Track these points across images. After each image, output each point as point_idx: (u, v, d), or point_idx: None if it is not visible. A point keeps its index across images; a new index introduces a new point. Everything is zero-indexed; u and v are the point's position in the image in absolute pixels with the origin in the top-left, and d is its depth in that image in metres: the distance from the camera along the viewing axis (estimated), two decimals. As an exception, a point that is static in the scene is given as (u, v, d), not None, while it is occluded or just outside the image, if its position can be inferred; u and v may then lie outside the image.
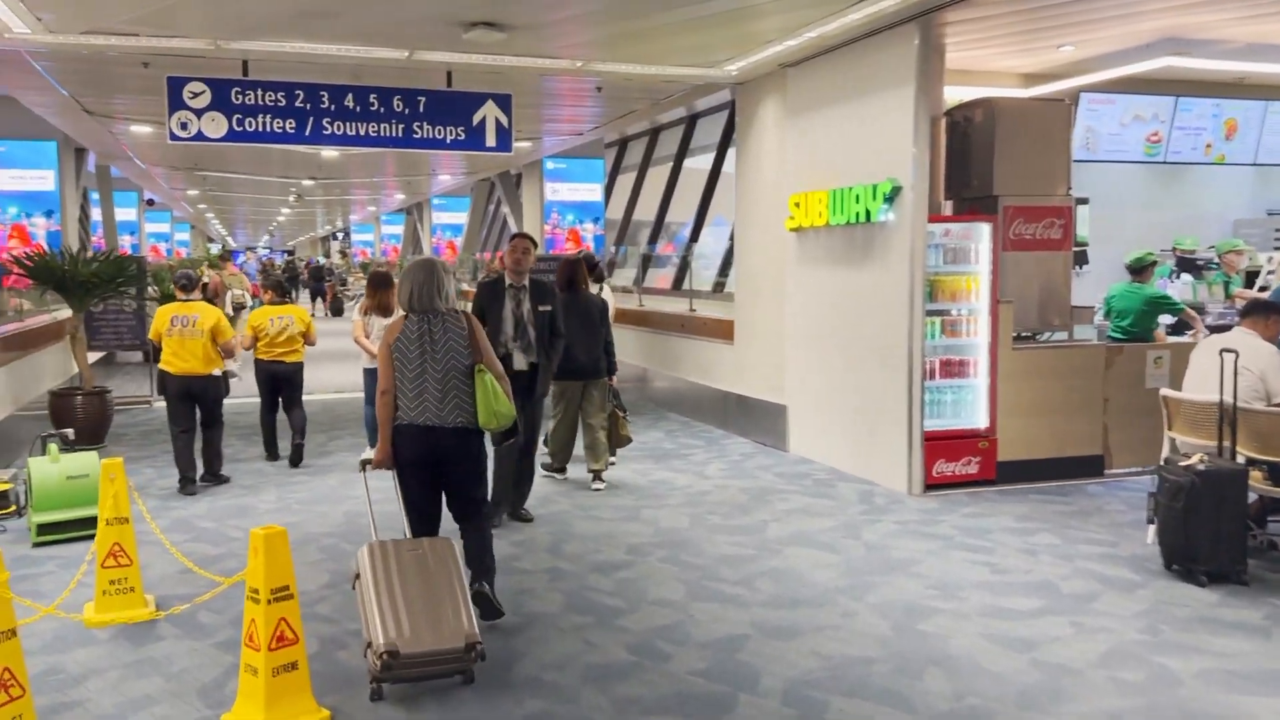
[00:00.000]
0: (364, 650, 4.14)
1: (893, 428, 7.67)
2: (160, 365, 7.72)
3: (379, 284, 8.41)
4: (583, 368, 7.46)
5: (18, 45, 7.71)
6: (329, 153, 15.13)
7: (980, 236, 7.79)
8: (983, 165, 8.04)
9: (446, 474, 4.61)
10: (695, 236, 15.92)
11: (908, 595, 5.36)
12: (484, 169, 18.77)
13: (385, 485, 5.22)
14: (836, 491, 7.71)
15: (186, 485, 7.68)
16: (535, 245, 6.67)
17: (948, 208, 8.34)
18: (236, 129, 8.42)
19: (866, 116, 7.89)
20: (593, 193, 17.49)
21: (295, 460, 8.70)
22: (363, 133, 8.75)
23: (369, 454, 5.01)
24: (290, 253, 60.95)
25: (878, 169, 7.70)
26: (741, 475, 8.39)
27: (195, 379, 7.61)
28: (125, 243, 23.17)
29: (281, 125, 8.54)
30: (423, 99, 8.86)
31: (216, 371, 7.75)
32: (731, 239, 12.57)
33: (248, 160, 17.83)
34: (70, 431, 7.16)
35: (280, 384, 8.79)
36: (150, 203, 26.18)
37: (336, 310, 29.89)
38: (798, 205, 8.82)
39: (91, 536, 5.96)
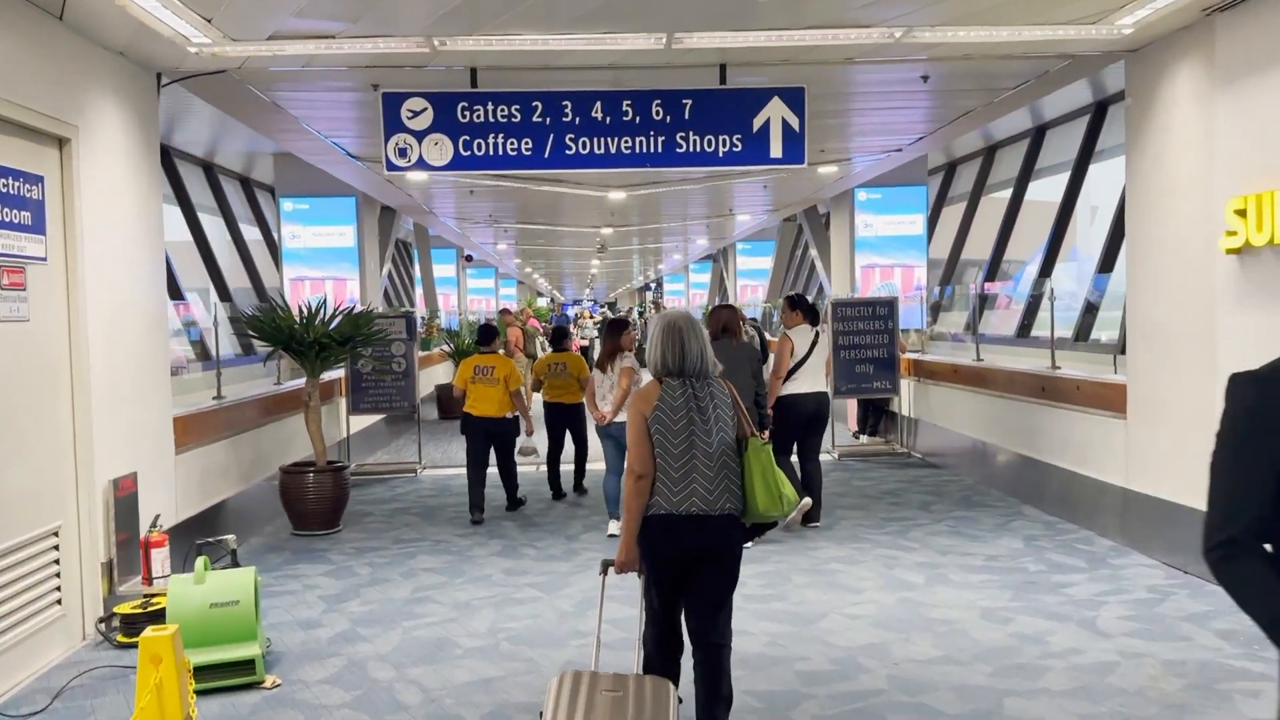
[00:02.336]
0: None
1: None
2: (464, 409, 8.56)
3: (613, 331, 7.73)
4: None
5: (222, 63, 6.40)
6: (616, 195, 13.45)
7: None
8: None
9: (701, 576, 3.72)
10: (1048, 270, 12.60)
11: None
12: (786, 204, 16.41)
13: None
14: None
15: (475, 514, 8.26)
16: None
17: None
18: (464, 153, 6.65)
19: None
20: (913, 225, 14.56)
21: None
22: (614, 149, 6.68)
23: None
24: (611, 304, 62.09)
25: None
26: (1162, 632, 5.28)
27: (492, 421, 8.39)
28: (443, 300, 23.23)
29: (516, 146, 6.66)
30: (688, 101, 6.67)
31: (509, 415, 8.49)
32: (1098, 273, 9.33)
33: (542, 209, 16.71)
34: (233, 538, 5.57)
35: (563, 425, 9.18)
36: (469, 259, 26.33)
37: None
38: (1243, 214, 5.64)
39: (251, 685, 4.77)
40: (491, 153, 6.64)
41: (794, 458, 7.66)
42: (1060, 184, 13.58)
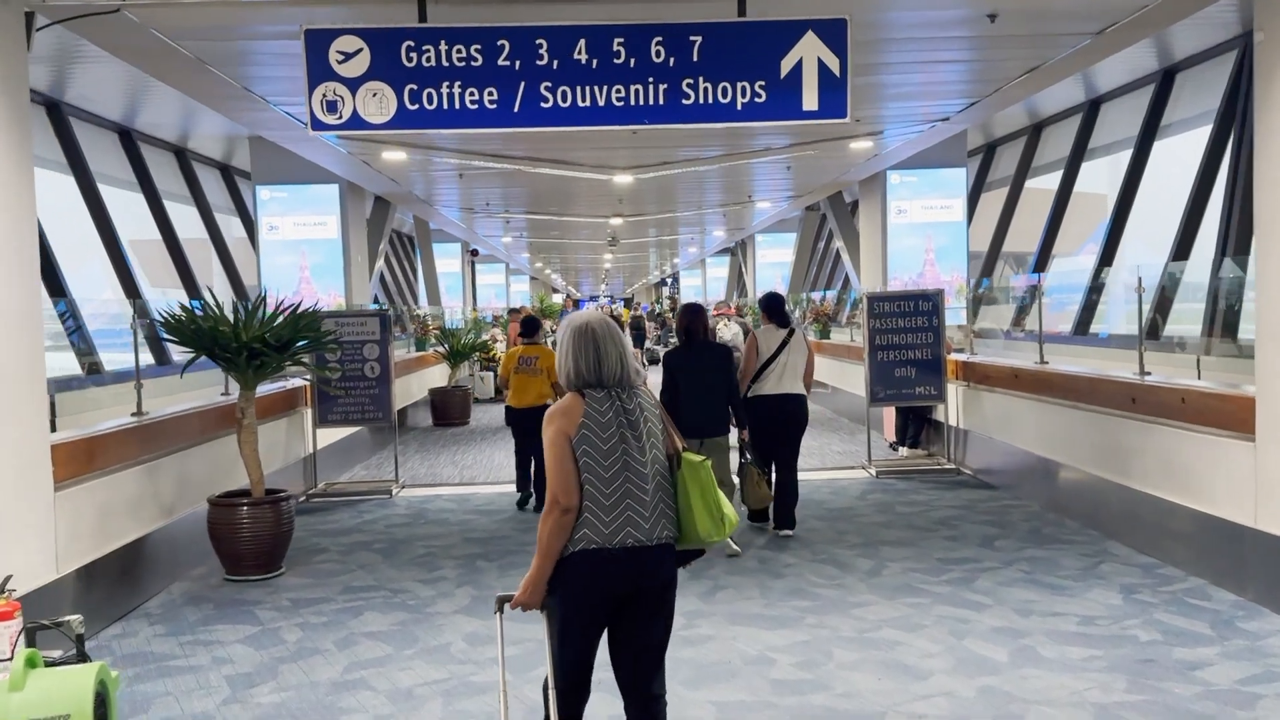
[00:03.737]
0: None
1: None
2: (508, 402, 8.53)
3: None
4: (696, 424, 6.45)
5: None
6: (622, 179, 11.91)
7: None
8: None
9: (636, 618, 3.14)
10: (1107, 259, 10.98)
11: None
12: (810, 189, 14.80)
13: None
14: None
15: (524, 502, 8.38)
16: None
17: None
18: (409, 107, 5.14)
19: None
20: (949, 210, 12.92)
21: None
22: (602, 101, 5.15)
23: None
24: (628, 301, 60.63)
25: None
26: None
27: (531, 411, 7.97)
28: (445, 296, 21.78)
29: (477, 98, 5.14)
30: (698, 38, 5.13)
31: (546, 402, 7.95)
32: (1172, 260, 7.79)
33: (544, 197, 15.21)
34: (78, 619, 4.07)
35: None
36: (474, 253, 24.85)
37: (653, 360, 26.99)
38: None
39: None
40: (445, 106, 5.12)
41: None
42: (1112, 165, 12.01)
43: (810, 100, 5.13)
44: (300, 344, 6.76)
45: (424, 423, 14.43)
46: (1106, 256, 10.98)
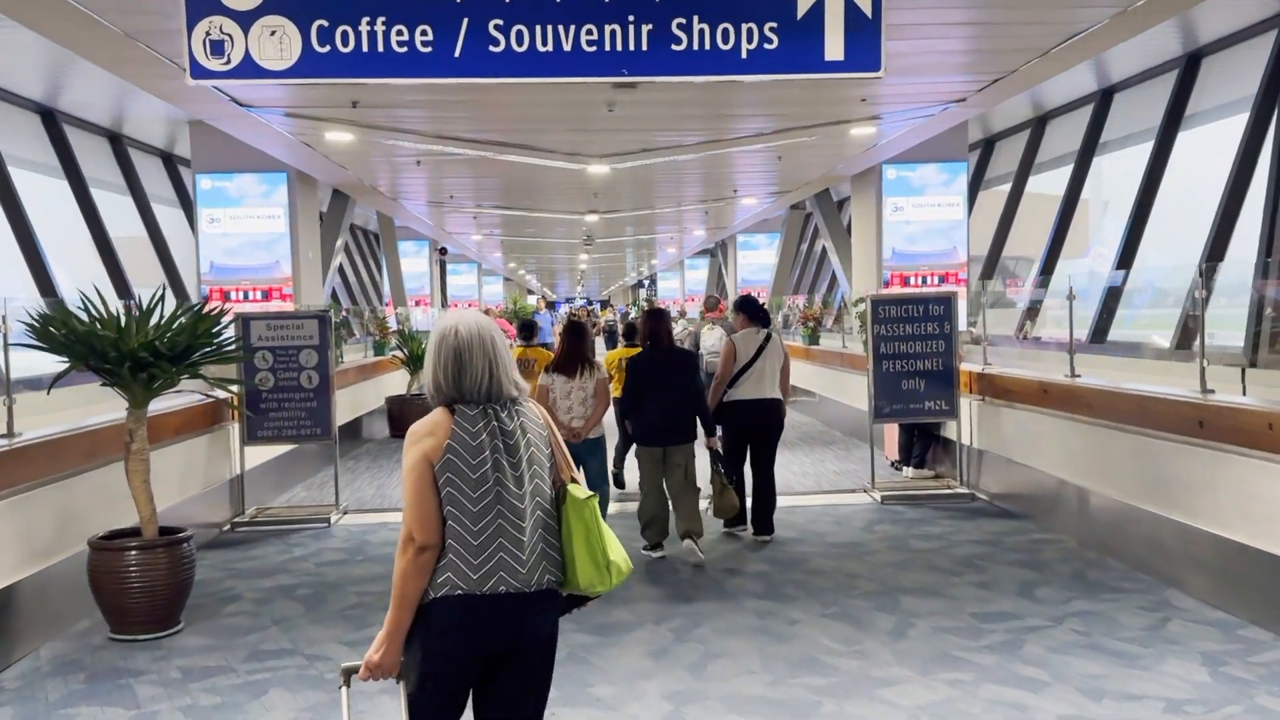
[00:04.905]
0: None
1: None
2: None
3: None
4: (659, 432, 6.40)
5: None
6: (597, 168, 10.73)
7: None
8: None
9: (510, 679, 2.69)
10: (1126, 261, 9.93)
11: None
12: (799, 184, 13.68)
13: None
14: None
15: None
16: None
17: None
18: (318, 49, 3.96)
19: None
20: (952, 208, 11.84)
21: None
22: (568, 45, 3.99)
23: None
24: (604, 303, 59.52)
25: None
26: None
27: None
28: (413, 298, 20.51)
29: (406, 39, 3.96)
30: (692, -35, 3.95)
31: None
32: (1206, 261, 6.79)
33: (513, 190, 14.01)
34: None
35: None
36: (444, 252, 23.54)
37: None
38: None
39: None
40: (366, 49, 3.93)
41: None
42: (1128, 159, 10.98)
43: (834, 48, 4.00)
44: (203, 351, 5.50)
45: (381, 433, 13.17)
46: (1125, 258, 9.92)
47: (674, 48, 3.99)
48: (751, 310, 7.23)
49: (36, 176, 9.68)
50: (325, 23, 3.91)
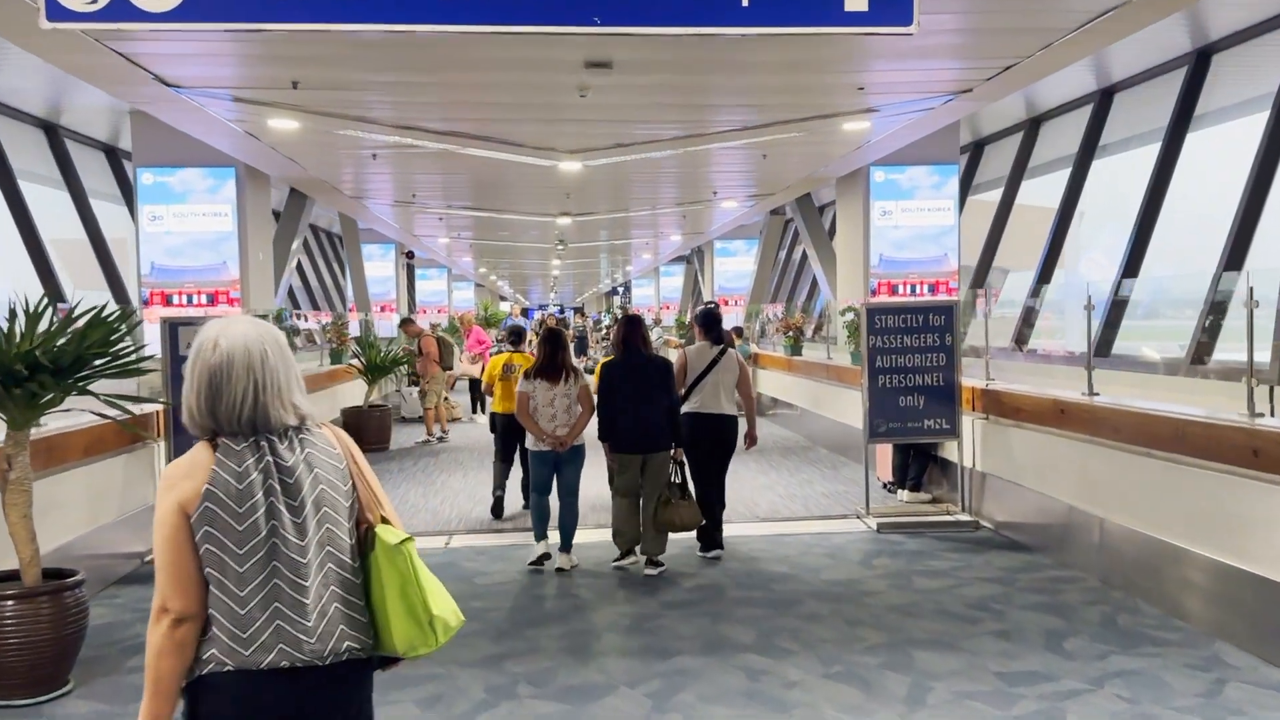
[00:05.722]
0: None
1: None
2: (492, 408, 8.51)
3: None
4: (634, 441, 6.32)
5: None
6: (569, 165, 9.92)
7: None
8: None
9: None
10: (1133, 270, 9.25)
11: None
12: (781, 186, 12.92)
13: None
14: None
15: (497, 492, 8.11)
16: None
17: None
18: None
19: None
20: (943, 212, 11.15)
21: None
22: (526, -12, 3.16)
23: None
24: (579, 310, 58.76)
25: None
26: None
27: (512, 417, 7.16)
28: (378, 303, 19.57)
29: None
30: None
31: None
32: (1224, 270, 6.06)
33: (480, 189, 13.16)
34: None
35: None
36: (410, 255, 22.59)
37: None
38: None
39: None
40: (270, -12, 3.09)
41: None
42: (1130, 162, 10.34)
43: (856, -2, 3.20)
44: (97, 363, 4.62)
45: (337, 447, 12.28)
46: (1131, 267, 9.25)
47: (657, -6, 3.21)
48: (707, 324, 7.12)
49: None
50: (218, -47, 3.10)
